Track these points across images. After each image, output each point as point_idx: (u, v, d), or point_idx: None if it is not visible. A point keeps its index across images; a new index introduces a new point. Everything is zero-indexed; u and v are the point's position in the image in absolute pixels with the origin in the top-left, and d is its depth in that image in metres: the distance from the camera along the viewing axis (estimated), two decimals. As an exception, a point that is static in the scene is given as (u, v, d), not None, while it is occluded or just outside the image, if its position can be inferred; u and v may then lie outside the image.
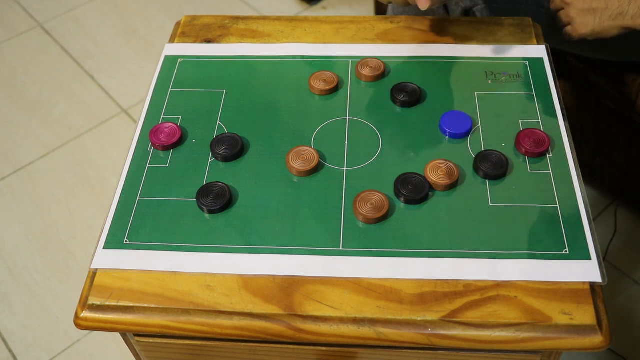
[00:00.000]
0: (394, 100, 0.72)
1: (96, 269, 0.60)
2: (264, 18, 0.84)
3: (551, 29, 0.92)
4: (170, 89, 0.76)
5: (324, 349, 0.61)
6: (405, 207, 0.63)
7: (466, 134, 0.68)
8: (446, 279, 0.57)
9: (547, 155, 0.66)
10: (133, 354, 0.67)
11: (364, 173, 0.66)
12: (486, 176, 0.64)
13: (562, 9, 0.85)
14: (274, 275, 0.58)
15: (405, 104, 0.72)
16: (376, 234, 0.61)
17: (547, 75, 0.74)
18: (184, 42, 0.82)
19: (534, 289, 0.56)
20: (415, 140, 0.69)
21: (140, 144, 0.70)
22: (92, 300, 0.58)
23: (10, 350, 1.23)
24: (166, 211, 0.64)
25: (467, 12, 0.96)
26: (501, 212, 0.62)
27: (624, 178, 1.25)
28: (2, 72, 1.76)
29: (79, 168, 1.53)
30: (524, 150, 0.66)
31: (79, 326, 0.58)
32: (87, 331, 0.97)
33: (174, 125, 0.70)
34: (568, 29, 0.85)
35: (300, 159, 0.66)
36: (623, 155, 1.17)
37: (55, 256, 1.36)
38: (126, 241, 0.61)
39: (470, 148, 0.67)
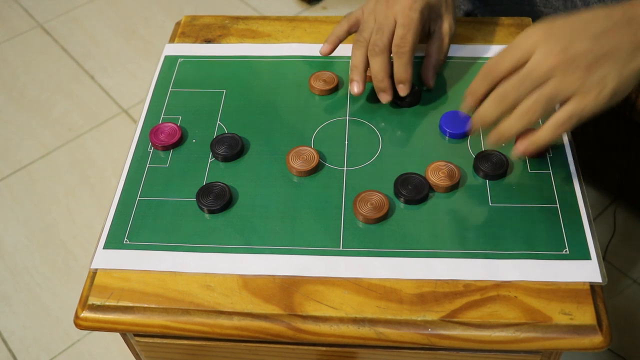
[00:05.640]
0: (393, 101, 0.72)
1: (96, 269, 0.60)
2: (264, 18, 0.84)
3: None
4: (170, 89, 0.76)
5: (324, 349, 0.61)
6: (405, 207, 0.63)
7: (466, 134, 0.68)
8: (446, 279, 0.57)
9: (547, 155, 0.66)
10: (133, 354, 0.67)
11: (364, 173, 0.66)
12: (486, 176, 0.64)
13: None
14: (274, 275, 0.58)
15: (405, 105, 0.72)
16: (376, 234, 0.61)
17: (547, 75, 0.74)
18: (184, 42, 0.82)
19: (533, 289, 0.56)
20: (415, 141, 0.69)
21: (140, 144, 0.70)
22: (92, 300, 0.58)
23: (10, 350, 1.23)
24: (166, 211, 0.64)
25: (468, 16, 0.96)
26: (501, 212, 0.62)
27: (624, 178, 1.25)
28: (2, 72, 1.76)
29: (79, 168, 1.53)
30: (524, 150, 0.66)
31: (79, 326, 0.58)
32: (87, 331, 0.97)
33: (174, 125, 0.70)
34: (561, 115, 0.53)
35: (300, 159, 0.66)
36: (623, 155, 1.17)
37: (55, 256, 1.36)
38: (126, 241, 0.61)
39: (470, 148, 0.67)
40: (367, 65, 0.70)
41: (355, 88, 0.70)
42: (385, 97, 0.70)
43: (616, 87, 0.51)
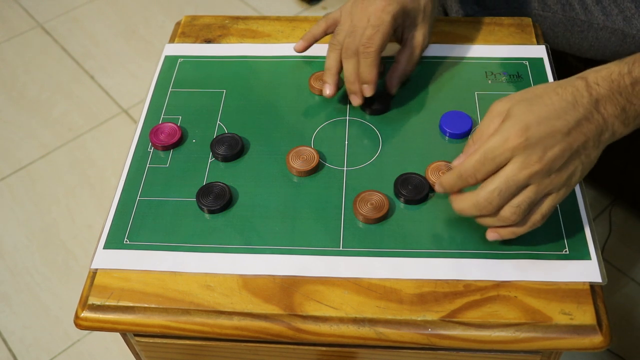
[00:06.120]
0: (362, 108, 0.72)
1: (96, 269, 0.60)
2: (264, 18, 0.84)
3: (552, 32, 0.92)
4: (170, 89, 0.76)
5: (324, 349, 0.61)
6: (405, 207, 0.63)
7: (466, 134, 0.68)
8: (446, 279, 0.57)
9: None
10: (133, 354, 0.67)
11: (364, 173, 0.66)
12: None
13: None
14: (274, 275, 0.58)
15: (376, 112, 0.71)
16: (376, 234, 0.61)
17: (547, 75, 0.74)
18: (184, 42, 0.82)
19: (533, 289, 0.56)
20: (415, 140, 0.69)
21: (140, 144, 0.70)
22: (92, 300, 0.58)
23: (10, 350, 1.23)
24: (166, 211, 0.64)
25: None
26: (501, 212, 0.62)
27: (623, 178, 1.25)
28: (2, 72, 1.76)
29: (79, 168, 1.53)
30: (523, 150, 0.66)
31: (79, 326, 0.58)
32: (87, 331, 0.97)
33: (174, 125, 0.70)
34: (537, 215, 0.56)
35: (300, 159, 0.66)
36: (622, 155, 1.17)
37: (55, 256, 1.36)
38: (126, 241, 0.62)
39: (470, 148, 0.67)
40: (340, 67, 0.70)
41: (327, 90, 0.70)
42: (356, 100, 0.70)
43: (584, 173, 0.56)
